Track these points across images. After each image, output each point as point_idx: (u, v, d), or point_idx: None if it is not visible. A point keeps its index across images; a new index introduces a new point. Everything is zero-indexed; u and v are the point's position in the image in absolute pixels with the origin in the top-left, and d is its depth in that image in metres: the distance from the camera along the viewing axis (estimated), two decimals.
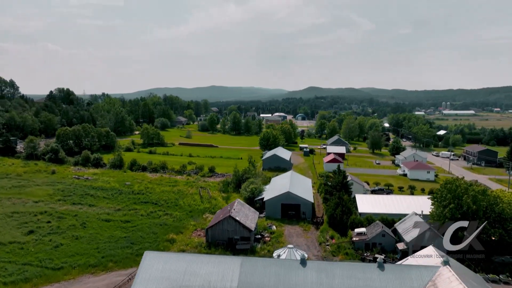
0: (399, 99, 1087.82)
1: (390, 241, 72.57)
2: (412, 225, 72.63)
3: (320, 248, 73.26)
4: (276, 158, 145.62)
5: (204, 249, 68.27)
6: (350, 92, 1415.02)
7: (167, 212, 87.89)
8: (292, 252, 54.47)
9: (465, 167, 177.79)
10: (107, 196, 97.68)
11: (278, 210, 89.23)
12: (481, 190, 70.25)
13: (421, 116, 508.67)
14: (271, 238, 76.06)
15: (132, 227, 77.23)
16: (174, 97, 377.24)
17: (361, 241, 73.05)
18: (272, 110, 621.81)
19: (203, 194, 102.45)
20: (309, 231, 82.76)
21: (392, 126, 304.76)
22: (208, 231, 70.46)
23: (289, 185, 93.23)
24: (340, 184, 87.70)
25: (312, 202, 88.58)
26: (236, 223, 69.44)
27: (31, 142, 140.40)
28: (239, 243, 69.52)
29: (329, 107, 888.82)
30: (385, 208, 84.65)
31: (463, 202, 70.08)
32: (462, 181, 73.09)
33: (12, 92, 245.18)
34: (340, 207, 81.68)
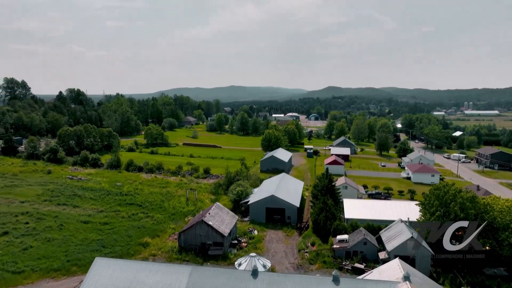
0: (420, 99, 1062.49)
1: (372, 249, 68.70)
2: (395, 233, 68.62)
3: (298, 256, 70.15)
4: (274, 160, 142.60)
5: (175, 254, 66.28)
6: (370, 92, 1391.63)
7: (149, 214, 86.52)
8: (254, 261, 51.77)
9: (476, 170, 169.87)
10: (94, 197, 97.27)
11: (263, 214, 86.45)
12: (469, 197, 65.56)
13: (436, 116, 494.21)
14: (248, 243, 73.44)
15: (109, 229, 76.11)
16: (184, 97, 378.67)
17: (341, 249, 69.50)
18: (286, 110, 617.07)
19: (190, 196, 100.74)
20: (292, 236, 79.67)
21: (404, 127, 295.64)
22: (180, 235, 68.45)
23: (275, 189, 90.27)
24: (325, 188, 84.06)
25: (297, 207, 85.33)
26: (209, 228, 67.16)
27: (31, 142, 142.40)
28: (211, 248, 67.23)
29: (346, 107, 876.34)
30: (373, 214, 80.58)
31: (451, 209, 65.66)
32: (450, 187, 68.42)
33: (24, 93, 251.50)
34: (324, 212, 78.25)
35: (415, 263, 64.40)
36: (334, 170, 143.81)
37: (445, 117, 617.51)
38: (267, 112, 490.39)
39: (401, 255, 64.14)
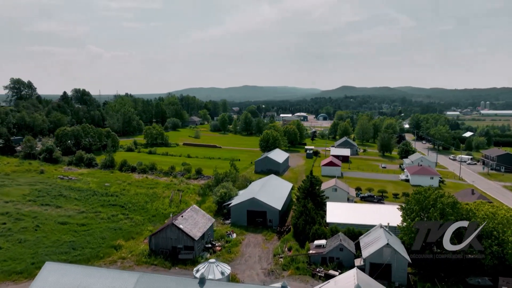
0: (436, 98, 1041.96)
1: (348, 256, 66.06)
2: (373, 239, 65.76)
3: (272, 261, 68.00)
4: (268, 161, 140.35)
5: (145, 257, 64.98)
6: (385, 92, 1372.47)
7: (130, 216, 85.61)
8: (213, 267, 49.88)
9: (480, 172, 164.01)
10: (79, 198, 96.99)
11: (244, 217, 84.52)
12: (450, 203, 62.22)
13: (448, 116, 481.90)
14: (223, 247, 71.66)
15: (85, 231, 75.42)
16: (190, 97, 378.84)
17: (317, 255, 67.04)
18: (296, 110, 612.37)
19: (174, 197, 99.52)
20: (271, 240, 77.51)
21: (411, 128, 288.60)
22: (151, 238, 67.18)
23: (258, 191, 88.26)
24: (306, 191, 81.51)
25: (278, 210, 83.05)
26: (179, 231, 65.66)
27: (28, 141, 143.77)
28: (182, 252, 65.72)
29: (357, 106, 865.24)
30: (354, 218, 77.70)
31: (430, 215, 62.49)
32: (432, 192, 65.14)
33: (30, 93, 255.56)
34: (304, 216, 75.89)
35: (391, 271, 61.66)
36: (330, 172, 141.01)
37: (460, 117, 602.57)
38: (275, 112, 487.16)
39: (376, 262, 61.68)
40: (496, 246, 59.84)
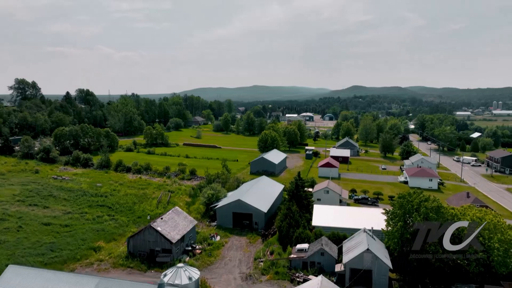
0: (447, 98, 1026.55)
1: (330, 260, 64.28)
2: (355, 244, 63.81)
3: (252, 265, 66.57)
4: (263, 162, 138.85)
5: (122, 260, 64.18)
6: (395, 91, 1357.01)
7: (115, 217, 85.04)
8: (180, 272, 48.69)
9: (484, 174, 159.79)
10: (68, 198, 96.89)
11: (230, 219, 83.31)
12: (434, 207, 59.92)
13: (458, 116, 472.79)
14: (204, 250, 70.46)
15: (67, 232, 75.03)
16: (194, 97, 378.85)
17: (298, 259, 65.37)
18: (302, 110, 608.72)
19: (163, 198, 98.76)
20: (254, 243, 76.09)
21: (417, 128, 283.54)
22: (129, 240, 66.34)
23: (245, 192, 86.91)
24: (291, 193, 79.79)
25: (264, 212, 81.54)
26: (157, 234, 64.67)
27: (26, 141, 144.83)
28: (159, 255, 64.70)
29: (366, 106, 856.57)
30: (340, 221, 75.72)
31: (414, 219, 60.27)
32: (416, 196, 62.86)
33: (34, 93, 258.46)
34: (288, 219, 74.25)
35: (372, 277, 59.68)
36: (327, 173, 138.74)
37: (470, 117, 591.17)
38: (280, 112, 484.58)
39: (356, 268, 59.77)
40: (481, 253, 57.49)
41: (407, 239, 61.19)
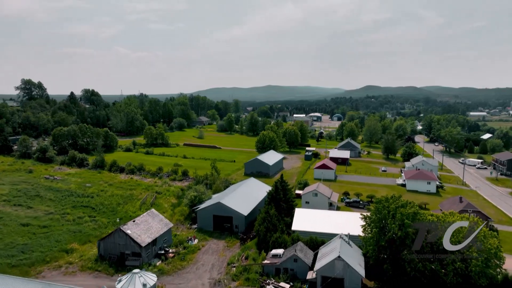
0: (464, 98, 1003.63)
1: (303, 267, 61.99)
2: (330, 250, 61.37)
3: (224, 270, 64.76)
4: (257, 163, 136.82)
5: (92, 263, 63.21)
6: (410, 91, 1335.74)
7: (96, 218, 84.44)
8: (135, 278, 47.21)
9: (488, 177, 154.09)
10: (54, 198, 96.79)
11: (210, 222, 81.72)
12: (411, 213, 56.98)
13: (471, 117, 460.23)
14: (178, 254, 68.98)
15: (44, 233, 74.62)
16: (200, 97, 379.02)
17: (270, 265, 63.27)
18: (312, 110, 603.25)
19: (147, 200, 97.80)
20: (232, 247, 74.30)
21: (424, 129, 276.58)
22: (100, 243, 65.37)
23: (227, 195, 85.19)
24: (270, 196, 77.60)
25: (244, 215, 79.64)
26: (127, 237, 63.49)
27: (23, 141, 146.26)
28: (129, 259, 63.55)
29: (378, 106, 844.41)
30: (320, 226, 73.20)
31: (389, 226, 57.51)
32: (393, 201, 60.00)
33: (40, 93, 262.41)
34: (266, 223, 72.21)
35: (344, 286, 57.20)
36: (323, 175, 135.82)
37: (486, 117, 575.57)
38: (288, 112, 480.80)
39: (328, 275, 57.38)
40: (459, 262, 54.40)
41: (383, 246, 58.45)
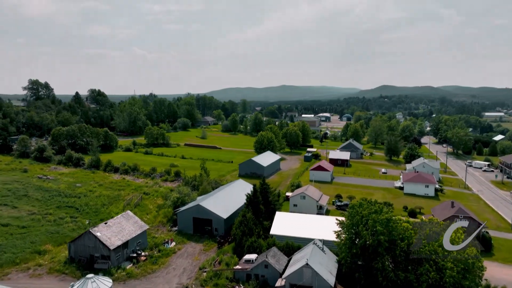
0: (482, 98, 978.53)
1: (274, 274, 59.88)
2: (302, 256, 59.05)
3: (194, 275, 63.13)
4: (252, 164, 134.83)
5: (61, 265, 62.49)
6: (427, 91, 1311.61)
7: (77, 219, 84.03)
8: (87, 284, 46.02)
9: (493, 181, 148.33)
10: (41, 198, 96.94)
11: (190, 225, 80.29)
12: (383, 220, 54.16)
13: (486, 118, 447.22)
14: (151, 257, 67.69)
15: (21, 234, 74.44)
16: (207, 97, 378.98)
17: (241, 271, 61.35)
18: (322, 110, 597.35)
19: (132, 201, 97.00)
20: (208, 251, 72.68)
21: (432, 130, 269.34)
22: (70, 245, 64.59)
23: (209, 197, 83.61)
24: (249, 199, 75.53)
25: (224, 218, 77.87)
26: (96, 239, 62.50)
27: (22, 141, 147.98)
28: (98, 261, 62.54)
29: (392, 106, 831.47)
30: (298, 230, 70.84)
31: (361, 232, 54.89)
32: (367, 206, 57.29)
33: (47, 93, 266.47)
34: (242, 227, 70.31)
35: None
36: (319, 177, 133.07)
37: (503, 118, 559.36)
38: (296, 112, 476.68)
39: (296, 283, 55.15)
40: (434, 272, 51.41)
41: (356, 253, 55.85)
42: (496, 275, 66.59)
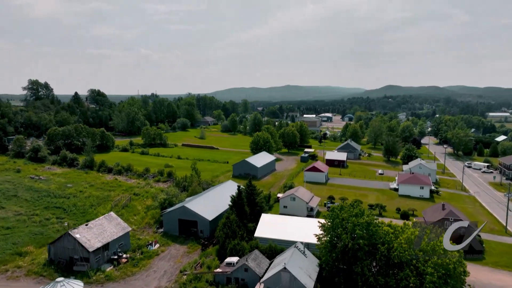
0: (488, 98, 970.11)
1: (253, 277, 58.81)
2: (282, 260, 57.92)
3: (174, 277, 62.24)
4: (245, 164, 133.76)
5: (39, 267, 61.90)
6: (432, 91, 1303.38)
7: (64, 220, 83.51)
8: (57, 287, 45.28)
9: (491, 182, 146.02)
10: (30, 199, 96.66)
11: (176, 226, 79.46)
12: (364, 224, 52.87)
13: (489, 118, 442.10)
14: (130, 260, 66.90)
15: (4, 234, 74.12)
16: (208, 97, 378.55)
17: (221, 274, 60.34)
18: (325, 110, 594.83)
19: (121, 202, 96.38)
20: (192, 253, 71.78)
21: (433, 131, 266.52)
22: (50, 247, 63.98)
23: (194, 198, 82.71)
24: (233, 201, 74.48)
25: (209, 220, 76.94)
26: (75, 241, 61.83)
27: (18, 141, 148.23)
28: (77, 263, 61.87)
29: (396, 107, 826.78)
30: (282, 233, 69.69)
31: (340, 236, 53.66)
32: (347, 209, 55.99)
33: (47, 93, 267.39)
34: (226, 229, 69.33)
35: None
36: (314, 178, 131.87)
37: (508, 118, 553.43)
38: (297, 112, 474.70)
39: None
40: (414, 278, 50.03)
41: (336, 257, 54.62)
42: (484, 280, 65.04)
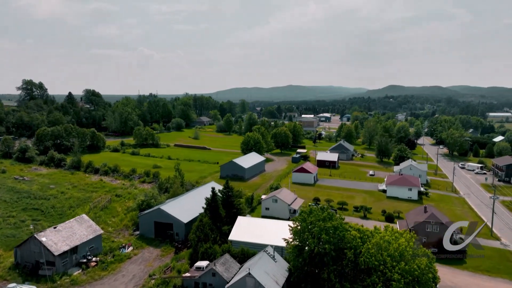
0: (491, 98, 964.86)
1: (221, 282, 57.23)
2: (251, 264, 56.45)
3: (142, 282, 60.90)
4: (233, 166, 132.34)
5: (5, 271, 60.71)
6: (435, 91, 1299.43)
7: (39, 222, 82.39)
8: None
9: (483, 183, 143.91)
10: (9, 200, 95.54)
11: (152, 229, 78.15)
12: (330, 228, 51.33)
13: (491, 118, 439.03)
14: (99, 263, 65.62)
15: None
16: (205, 98, 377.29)
17: (189, 279, 58.96)
18: (324, 110, 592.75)
19: (100, 203, 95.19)
20: (165, 257, 70.45)
21: (429, 131, 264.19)
22: (17, 251, 62.78)
23: (171, 200, 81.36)
24: (207, 203, 73.00)
25: (184, 223, 75.60)
26: (41, 245, 60.59)
27: (5, 141, 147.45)
28: (42, 267, 60.65)
29: (396, 107, 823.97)
30: (256, 236, 68.14)
31: (308, 241, 52.16)
32: (316, 212, 54.44)
33: (41, 93, 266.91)
34: (198, 232, 67.94)
35: None
36: (302, 179, 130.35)
37: (509, 118, 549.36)
38: (295, 112, 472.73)
39: None
40: (380, 284, 48.47)
41: (304, 261, 53.14)
42: (462, 285, 63.28)
